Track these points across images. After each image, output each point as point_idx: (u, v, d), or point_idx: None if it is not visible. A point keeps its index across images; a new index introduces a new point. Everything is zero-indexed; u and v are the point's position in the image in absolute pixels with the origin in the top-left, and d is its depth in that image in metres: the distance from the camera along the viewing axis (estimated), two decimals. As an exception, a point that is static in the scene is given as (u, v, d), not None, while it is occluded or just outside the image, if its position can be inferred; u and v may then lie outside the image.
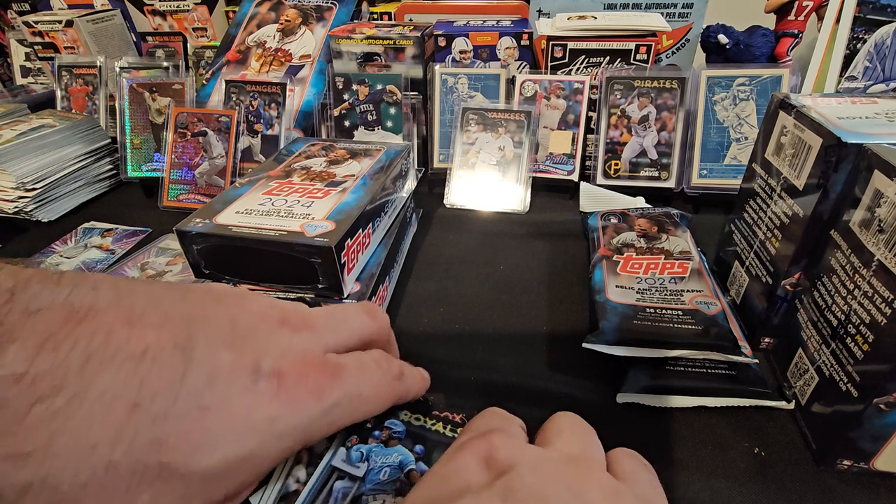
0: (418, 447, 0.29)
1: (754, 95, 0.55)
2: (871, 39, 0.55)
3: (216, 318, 0.21)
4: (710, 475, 0.30)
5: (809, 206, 0.31)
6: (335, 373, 0.22)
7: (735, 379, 0.34)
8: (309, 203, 0.37)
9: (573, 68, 0.62)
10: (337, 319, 0.26)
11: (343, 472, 0.27)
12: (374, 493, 0.26)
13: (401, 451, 0.29)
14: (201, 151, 0.61)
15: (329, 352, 0.23)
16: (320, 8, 0.72)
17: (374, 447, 0.29)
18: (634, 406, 0.34)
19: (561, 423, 0.23)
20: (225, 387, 0.19)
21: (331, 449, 0.28)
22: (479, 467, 0.19)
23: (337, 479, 0.27)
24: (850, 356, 0.28)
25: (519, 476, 0.18)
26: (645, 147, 0.58)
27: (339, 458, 0.28)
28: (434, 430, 0.31)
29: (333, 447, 0.29)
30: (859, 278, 0.27)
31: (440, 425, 0.31)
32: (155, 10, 0.94)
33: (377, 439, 0.29)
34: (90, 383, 0.16)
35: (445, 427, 0.31)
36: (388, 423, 0.30)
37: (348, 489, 0.27)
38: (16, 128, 0.61)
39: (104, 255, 0.52)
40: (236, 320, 0.21)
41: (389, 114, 0.63)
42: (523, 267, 0.49)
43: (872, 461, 0.28)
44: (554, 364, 0.38)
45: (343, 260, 0.35)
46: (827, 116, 0.31)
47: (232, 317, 0.21)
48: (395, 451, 0.29)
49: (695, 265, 0.40)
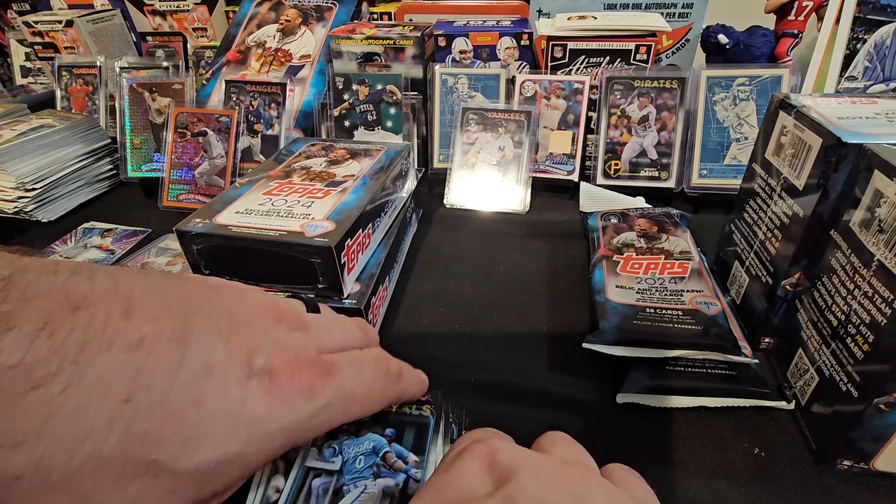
0: (389, 430, 0.30)
1: (754, 95, 0.55)
2: (871, 39, 0.55)
3: (213, 309, 0.21)
4: (710, 475, 0.30)
5: (809, 206, 0.31)
6: (327, 371, 0.22)
7: (735, 379, 0.34)
8: (309, 203, 0.37)
9: (573, 68, 0.62)
10: (331, 322, 0.26)
11: (319, 469, 0.28)
12: (353, 482, 0.27)
13: (372, 438, 0.29)
14: (201, 151, 0.61)
15: (323, 352, 0.23)
16: (320, 8, 0.72)
17: (346, 440, 0.29)
18: (634, 406, 0.34)
19: (553, 437, 0.22)
20: (218, 382, 0.19)
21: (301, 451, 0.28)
22: (480, 472, 0.19)
23: (314, 478, 0.27)
24: (850, 356, 0.28)
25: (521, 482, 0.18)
26: (645, 147, 0.58)
27: (312, 458, 0.28)
28: (400, 411, 0.31)
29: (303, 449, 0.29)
30: (859, 278, 0.27)
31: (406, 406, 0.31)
32: (155, 10, 0.94)
33: (346, 432, 0.30)
34: (85, 372, 0.16)
35: (411, 407, 0.32)
36: None
37: (327, 484, 0.27)
38: (16, 128, 0.61)
39: (104, 255, 0.52)
40: (233, 313, 0.21)
41: (389, 114, 0.63)
42: (523, 267, 0.49)
43: (872, 461, 0.28)
44: (554, 364, 0.38)
45: (343, 260, 0.35)
46: (827, 116, 0.31)
47: (229, 309, 0.21)
48: (366, 439, 0.29)
49: (695, 265, 0.40)
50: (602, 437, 0.33)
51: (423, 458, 0.28)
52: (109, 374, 0.16)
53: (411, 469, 0.28)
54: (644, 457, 0.31)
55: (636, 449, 0.32)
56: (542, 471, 0.19)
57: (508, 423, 0.33)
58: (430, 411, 0.32)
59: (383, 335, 0.41)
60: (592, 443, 0.32)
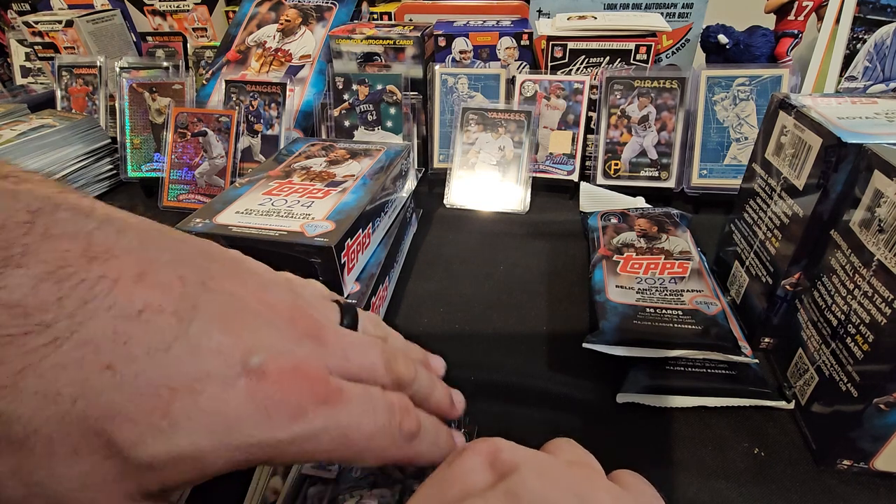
0: None
1: (754, 95, 0.55)
2: (870, 39, 0.55)
3: (226, 294, 0.19)
4: (710, 475, 0.30)
5: (809, 206, 0.31)
6: (328, 397, 0.19)
7: (735, 379, 0.34)
8: (309, 203, 0.37)
9: (573, 68, 0.62)
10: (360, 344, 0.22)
11: (315, 478, 0.27)
12: (349, 491, 0.26)
13: None
14: (201, 151, 0.61)
15: (334, 373, 0.20)
16: (320, 8, 0.72)
17: None
18: (634, 406, 0.34)
19: (559, 443, 0.22)
20: (203, 371, 0.17)
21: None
22: (482, 468, 0.19)
23: (310, 486, 0.27)
24: (850, 356, 0.28)
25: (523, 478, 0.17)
26: (645, 147, 0.58)
27: (308, 466, 0.28)
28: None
29: None
30: (859, 278, 0.27)
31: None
32: (155, 10, 0.94)
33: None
34: (76, 330, 0.15)
35: None
36: None
37: (322, 493, 0.26)
38: (16, 128, 0.61)
39: (104, 255, 0.52)
40: (246, 303, 0.19)
41: (389, 114, 0.63)
42: (523, 267, 0.49)
43: (872, 461, 0.28)
44: (554, 364, 0.38)
45: (343, 260, 0.35)
46: (827, 116, 0.31)
47: (243, 298, 0.19)
48: None
49: (695, 265, 0.40)
50: (602, 437, 0.33)
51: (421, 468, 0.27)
52: (98, 338, 0.15)
53: (408, 479, 0.27)
54: (644, 457, 0.31)
55: (636, 449, 0.32)
56: (545, 468, 0.18)
57: (508, 423, 0.33)
58: None
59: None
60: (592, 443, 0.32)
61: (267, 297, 0.20)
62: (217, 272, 0.19)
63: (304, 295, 0.23)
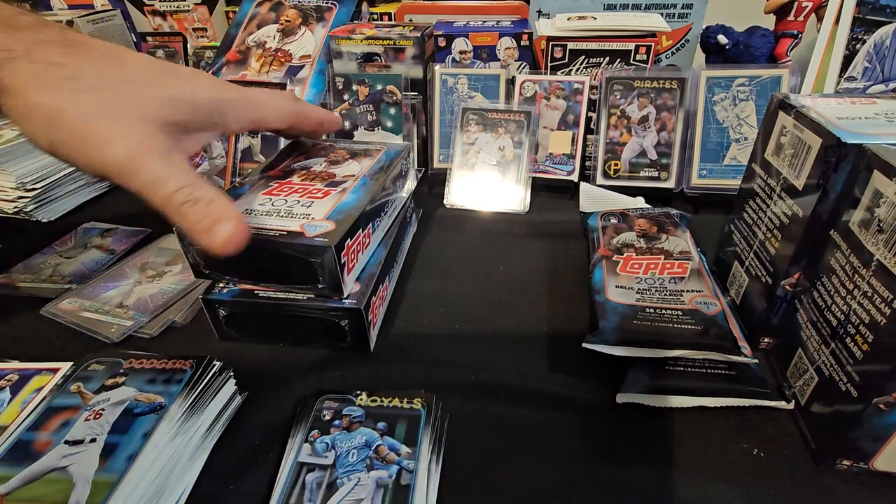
0: (381, 424, 0.31)
1: (754, 96, 0.55)
2: (870, 40, 0.55)
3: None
4: (710, 475, 0.30)
5: (809, 206, 0.31)
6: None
7: (735, 379, 0.34)
8: (309, 203, 0.37)
9: (573, 68, 0.62)
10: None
11: (312, 464, 0.29)
12: (347, 475, 0.28)
13: (364, 432, 0.30)
14: (201, 151, 0.61)
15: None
16: (320, 8, 0.72)
17: (338, 435, 0.30)
18: (634, 406, 0.34)
19: None
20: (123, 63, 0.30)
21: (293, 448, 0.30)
22: None
23: (307, 473, 0.28)
24: (849, 356, 0.28)
25: None
26: (645, 147, 0.58)
27: (305, 454, 0.29)
28: (392, 405, 0.32)
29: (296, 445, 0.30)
30: (859, 278, 0.27)
31: (396, 400, 0.33)
32: (155, 11, 0.94)
33: (339, 428, 0.31)
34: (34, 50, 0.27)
35: (402, 400, 0.33)
36: (346, 411, 0.32)
37: (321, 478, 0.28)
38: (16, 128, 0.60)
39: (104, 255, 0.52)
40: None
41: (389, 114, 0.63)
42: (523, 267, 0.49)
43: (872, 461, 0.28)
44: (554, 364, 0.38)
45: (343, 260, 0.35)
46: (826, 116, 0.31)
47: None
48: (358, 434, 0.30)
49: (694, 265, 0.41)
50: (602, 437, 0.33)
51: (415, 449, 0.29)
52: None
53: (404, 461, 0.29)
54: (644, 457, 0.31)
55: (636, 449, 0.32)
56: None
57: (508, 423, 0.33)
58: (422, 404, 0.32)
59: (383, 335, 0.41)
60: (592, 443, 0.32)
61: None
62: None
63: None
